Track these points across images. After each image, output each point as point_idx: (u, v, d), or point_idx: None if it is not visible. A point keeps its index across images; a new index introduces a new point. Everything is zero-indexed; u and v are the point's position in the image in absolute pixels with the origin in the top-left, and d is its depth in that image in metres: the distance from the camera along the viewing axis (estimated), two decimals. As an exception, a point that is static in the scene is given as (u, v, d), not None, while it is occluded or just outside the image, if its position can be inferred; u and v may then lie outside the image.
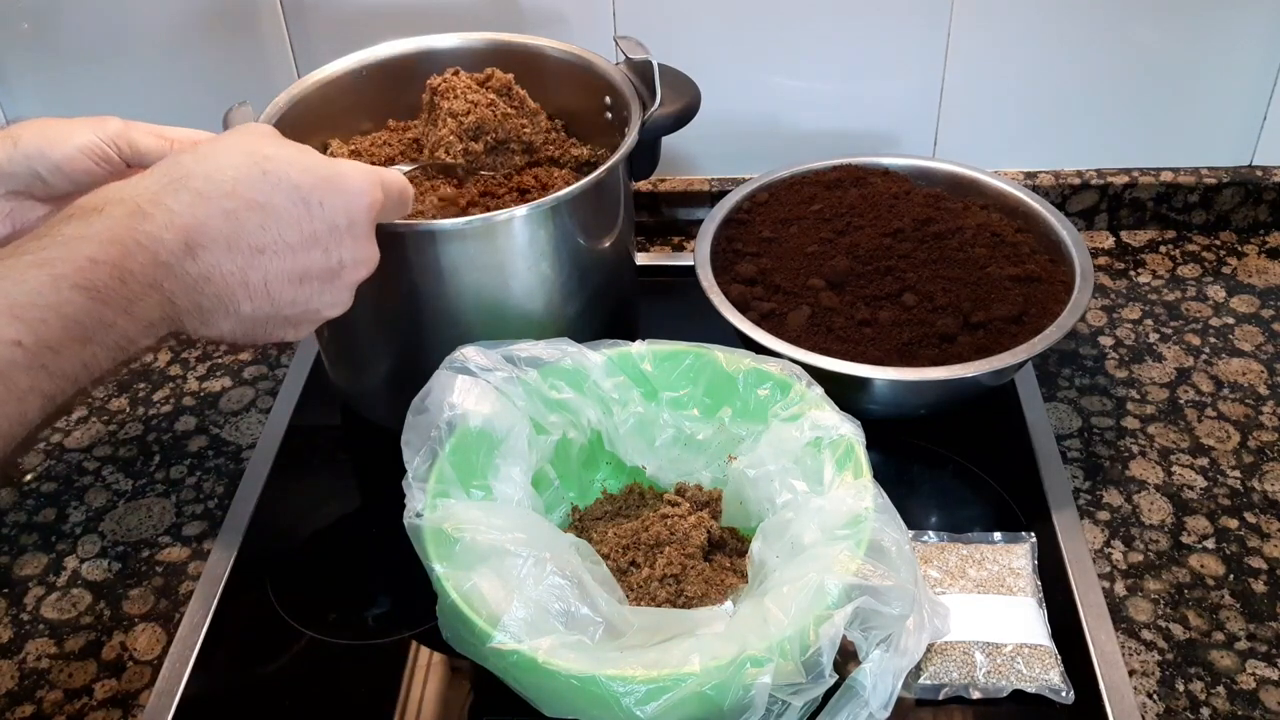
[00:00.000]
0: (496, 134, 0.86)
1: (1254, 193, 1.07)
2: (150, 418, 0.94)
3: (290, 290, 0.61)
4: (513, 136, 0.87)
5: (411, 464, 0.67)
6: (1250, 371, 0.93)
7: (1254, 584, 0.76)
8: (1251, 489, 0.83)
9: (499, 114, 0.86)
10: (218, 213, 0.57)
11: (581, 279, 0.84)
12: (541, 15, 1.02)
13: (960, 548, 0.76)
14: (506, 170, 0.88)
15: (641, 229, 1.11)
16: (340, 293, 0.64)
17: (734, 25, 1.02)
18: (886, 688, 0.61)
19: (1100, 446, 0.87)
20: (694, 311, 0.85)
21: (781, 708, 0.59)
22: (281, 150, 0.61)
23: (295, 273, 0.61)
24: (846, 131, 1.07)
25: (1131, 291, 1.03)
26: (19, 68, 1.07)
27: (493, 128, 0.85)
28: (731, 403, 0.75)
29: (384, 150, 0.91)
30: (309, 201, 0.60)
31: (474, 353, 0.72)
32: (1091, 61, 1.03)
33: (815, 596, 0.60)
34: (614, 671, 0.57)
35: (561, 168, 0.90)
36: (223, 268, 0.58)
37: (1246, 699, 0.69)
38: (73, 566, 0.82)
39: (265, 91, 0.86)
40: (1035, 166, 1.09)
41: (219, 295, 0.58)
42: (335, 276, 0.63)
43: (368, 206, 0.63)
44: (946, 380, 0.78)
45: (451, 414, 0.69)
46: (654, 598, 0.68)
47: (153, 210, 0.56)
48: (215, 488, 0.87)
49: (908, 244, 0.87)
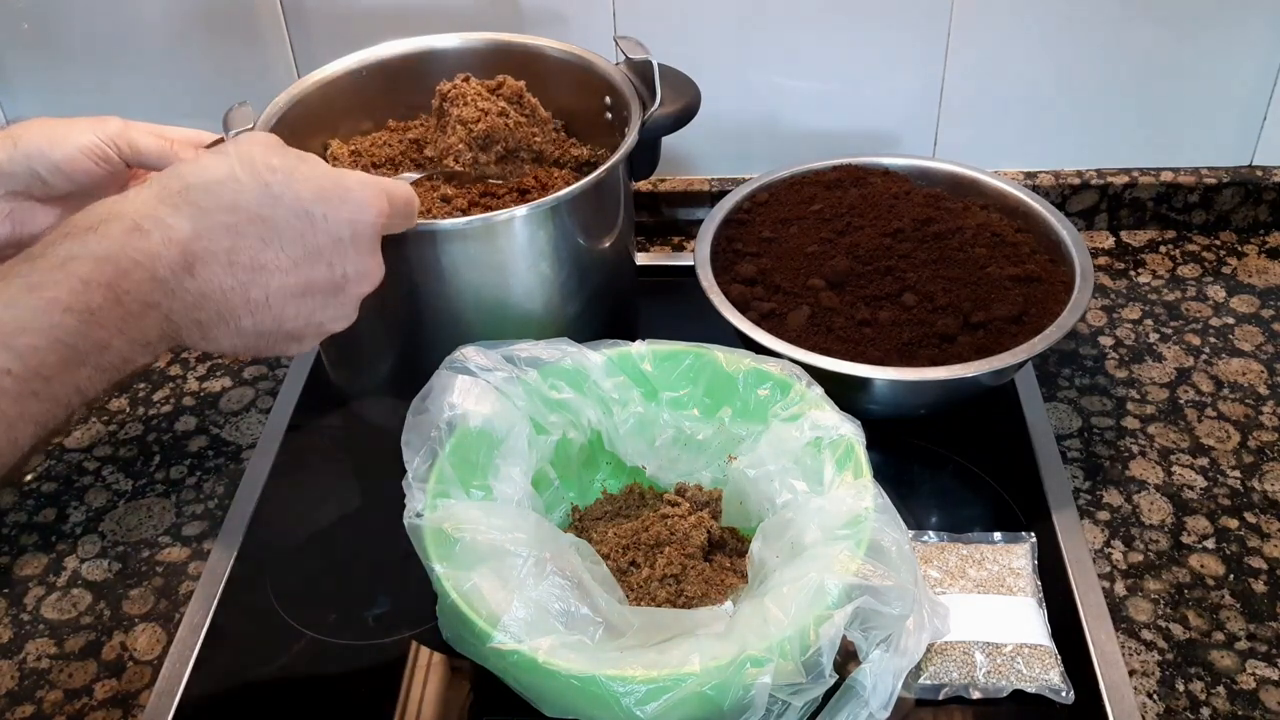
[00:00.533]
0: (507, 143, 0.85)
1: (1254, 193, 1.07)
2: (150, 418, 0.94)
3: (293, 305, 0.60)
4: (523, 145, 0.86)
5: (411, 464, 0.67)
6: (1250, 371, 0.93)
7: (1254, 584, 0.76)
8: (1251, 489, 0.83)
9: (510, 123, 0.85)
10: (218, 227, 0.56)
11: (581, 279, 0.84)
12: (541, 15, 1.02)
13: (960, 548, 0.76)
14: (515, 180, 0.87)
15: (641, 229, 1.11)
16: (344, 306, 0.63)
17: (734, 25, 1.02)
18: (887, 688, 0.61)
19: (1100, 446, 0.87)
20: (694, 311, 0.85)
21: (781, 708, 0.59)
22: (285, 161, 0.60)
23: (298, 287, 0.60)
24: (846, 131, 1.07)
25: (1131, 291, 1.03)
26: (19, 68, 1.07)
27: (503, 137, 0.85)
28: (731, 403, 0.75)
29: (384, 150, 0.91)
30: (312, 214, 0.59)
31: (474, 353, 0.72)
32: (1091, 61, 1.03)
33: (815, 596, 0.60)
34: (614, 671, 0.57)
35: (562, 168, 0.90)
36: (223, 283, 0.56)
37: (1247, 699, 0.69)
38: (73, 566, 0.82)
39: (265, 92, 0.86)
40: (1035, 166, 1.09)
41: (219, 311, 0.57)
42: (339, 290, 0.62)
43: (373, 219, 0.62)
44: (946, 380, 0.78)
45: (451, 414, 0.69)
46: (654, 598, 0.68)
47: (150, 226, 0.54)
48: (215, 488, 0.87)
49: (908, 244, 0.87)
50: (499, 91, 0.87)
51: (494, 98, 0.86)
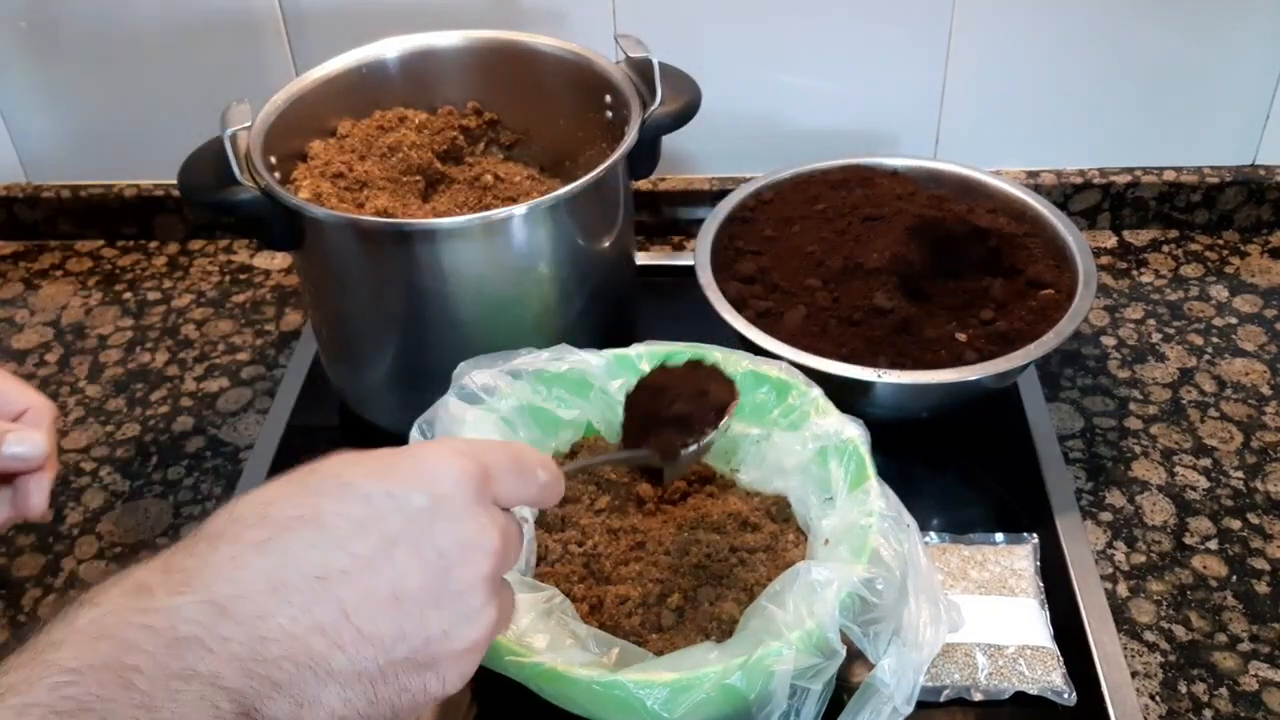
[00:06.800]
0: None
1: (1257, 192, 1.07)
2: (148, 418, 0.94)
3: (390, 618, 0.43)
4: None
5: None
6: (1253, 372, 0.93)
7: (1257, 585, 0.76)
8: (1254, 490, 0.83)
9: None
10: (248, 549, 0.42)
11: (581, 279, 0.84)
12: (541, 14, 1.01)
13: (962, 549, 0.76)
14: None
15: (641, 228, 1.11)
16: (462, 600, 0.45)
17: (734, 23, 1.02)
18: (909, 683, 0.61)
19: (1103, 447, 0.87)
20: (694, 311, 0.84)
21: (803, 695, 0.59)
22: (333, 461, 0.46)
23: (384, 592, 0.43)
24: (847, 130, 1.07)
25: (1134, 291, 1.02)
26: (18, 67, 1.06)
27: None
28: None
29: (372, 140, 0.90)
30: (369, 495, 0.44)
31: (479, 374, 0.71)
32: (1094, 60, 1.03)
33: (807, 587, 0.60)
34: (637, 676, 0.57)
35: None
36: (277, 617, 0.41)
37: (1249, 700, 0.69)
38: (70, 568, 0.81)
39: (264, 90, 0.85)
40: (1038, 165, 1.09)
41: (292, 658, 0.41)
42: (444, 575, 0.45)
43: (457, 477, 0.46)
44: (950, 384, 0.78)
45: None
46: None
47: (157, 578, 0.41)
48: (213, 489, 0.87)
49: (910, 245, 0.87)
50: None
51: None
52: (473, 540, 0.45)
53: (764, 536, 0.70)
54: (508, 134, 0.97)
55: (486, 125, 0.96)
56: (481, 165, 0.93)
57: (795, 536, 0.70)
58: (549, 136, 0.96)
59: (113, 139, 1.11)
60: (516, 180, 0.92)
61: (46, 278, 1.10)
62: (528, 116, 0.96)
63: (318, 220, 0.77)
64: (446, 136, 0.92)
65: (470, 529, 0.45)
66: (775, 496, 0.73)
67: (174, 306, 1.06)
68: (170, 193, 1.11)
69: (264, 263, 1.11)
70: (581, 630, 0.62)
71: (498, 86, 0.94)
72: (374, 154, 0.89)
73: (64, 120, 1.10)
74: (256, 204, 0.76)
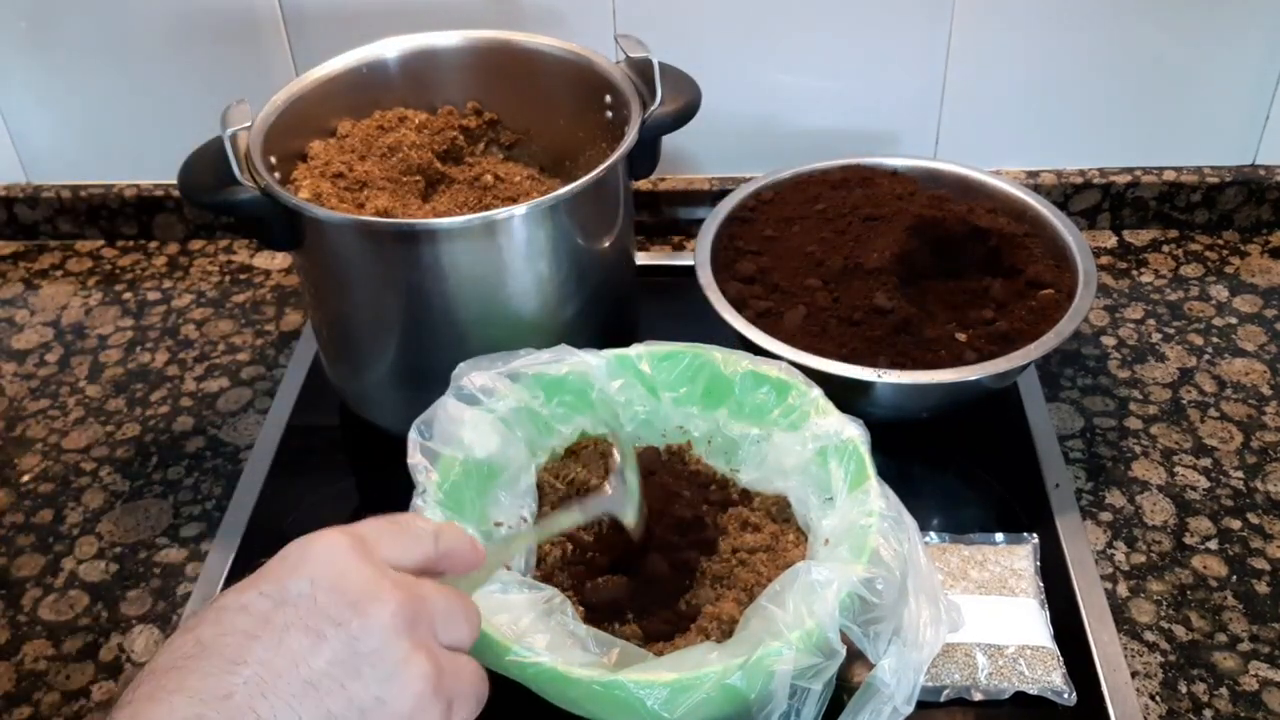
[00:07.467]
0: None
1: (1257, 192, 1.07)
2: (148, 418, 0.94)
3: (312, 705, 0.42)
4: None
5: (418, 488, 0.67)
6: (1253, 372, 0.93)
7: (1257, 585, 0.76)
8: (1254, 489, 0.83)
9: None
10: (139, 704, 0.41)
11: (581, 278, 0.84)
12: (541, 14, 1.01)
13: (962, 549, 0.76)
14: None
15: (641, 228, 1.11)
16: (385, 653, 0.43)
17: (734, 24, 1.02)
18: (909, 682, 0.61)
19: (1103, 447, 0.87)
20: (694, 311, 0.84)
21: (803, 695, 0.59)
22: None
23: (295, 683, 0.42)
24: (847, 130, 1.07)
25: (1134, 291, 1.02)
26: (17, 67, 1.06)
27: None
28: (729, 404, 0.75)
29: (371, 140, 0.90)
30: (245, 605, 0.43)
31: (478, 375, 0.71)
32: (1094, 60, 1.03)
33: (807, 587, 0.60)
34: (637, 676, 0.57)
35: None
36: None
37: (1249, 700, 0.69)
38: (70, 568, 0.81)
39: (264, 90, 0.85)
40: (1037, 165, 1.09)
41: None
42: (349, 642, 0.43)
43: (329, 551, 0.45)
44: (950, 384, 0.78)
45: (453, 449, 0.68)
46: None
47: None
48: (213, 489, 0.87)
49: (910, 245, 0.87)
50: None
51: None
52: (362, 596, 0.44)
53: (764, 537, 0.70)
54: (508, 134, 0.97)
55: (486, 125, 0.96)
56: (481, 165, 0.93)
57: (795, 536, 0.71)
58: (549, 136, 0.96)
59: (113, 139, 1.11)
60: (516, 180, 0.92)
61: (46, 278, 1.10)
62: (528, 116, 0.96)
63: (318, 220, 0.77)
64: (446, 136, 0.92)
65: (356, 586, 0.44)
66: (775, 496, 0.73)
67: (174, 306, 1.06)
68: (170, 193, 1.11)
69: (264, 263, 1.11)
70: (581, 630, 0.62)
71: (498, 86, 0.94)
72: (374, 154, 0.89)
73: (64, 120, 1.10)
74: (256, 204, 0.76)
